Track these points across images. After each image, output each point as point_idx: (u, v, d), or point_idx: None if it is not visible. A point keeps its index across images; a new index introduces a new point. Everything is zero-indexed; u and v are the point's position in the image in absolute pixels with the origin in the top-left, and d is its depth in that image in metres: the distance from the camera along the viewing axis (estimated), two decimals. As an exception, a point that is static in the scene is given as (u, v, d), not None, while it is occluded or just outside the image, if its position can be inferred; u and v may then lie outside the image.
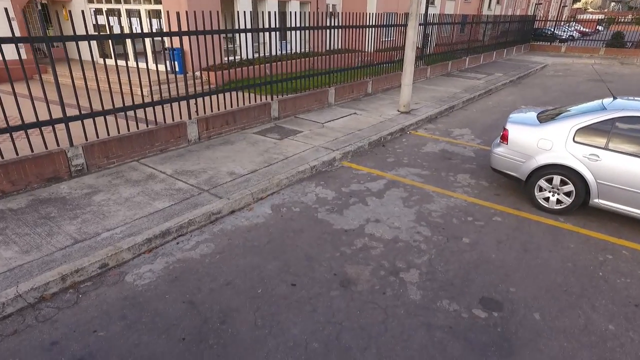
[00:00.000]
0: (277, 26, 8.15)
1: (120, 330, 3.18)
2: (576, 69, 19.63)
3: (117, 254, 3.96)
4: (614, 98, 5.24)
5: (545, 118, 5.45)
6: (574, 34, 37.00)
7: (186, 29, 6.64)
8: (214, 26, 11.42)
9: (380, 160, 7.00)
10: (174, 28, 11.23)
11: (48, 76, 10.22)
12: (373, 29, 11.11)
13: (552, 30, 30.06)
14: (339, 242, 4.47)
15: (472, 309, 3.54)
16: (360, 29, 10.66)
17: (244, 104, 8.03)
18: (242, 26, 12.47)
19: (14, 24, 12.75)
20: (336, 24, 12.08)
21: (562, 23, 35.12)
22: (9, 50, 9.81)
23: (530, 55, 24.63)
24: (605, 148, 4.74)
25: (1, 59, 10.84)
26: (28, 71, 11.33)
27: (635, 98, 5.26)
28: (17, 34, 12.74)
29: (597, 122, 4.80)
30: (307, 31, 9.89)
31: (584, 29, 44.74)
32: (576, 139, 4.93)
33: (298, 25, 10.24)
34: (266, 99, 8.63)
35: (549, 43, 28.25)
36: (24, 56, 12.17)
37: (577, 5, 55.05)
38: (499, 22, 20.91)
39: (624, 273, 4.11)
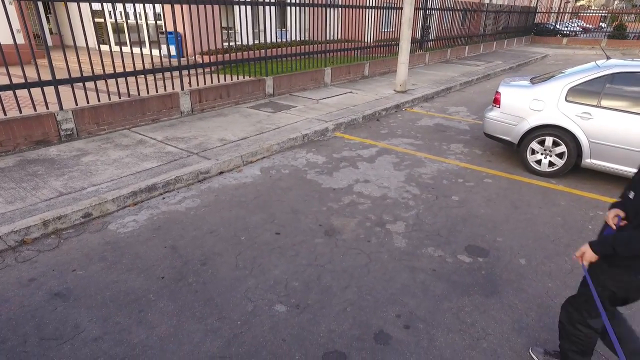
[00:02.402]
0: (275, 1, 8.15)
1: (99, 270, 3.15)
2: (577, 59, 19.47)
3: (101, 205, 3.93)
4: (608, 58, 5.17)
5: (537, 81, 5.39)
6: (576, 30, 36.79)
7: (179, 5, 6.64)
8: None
9: (374, 131, 6.96)
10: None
11: (43, 61, 10.24)
12: (373, 11, 11.06)
13: (554, 25, 29.87)
14: (326, 199, 4.42)
15: (457, 255, 3.49)
16: (359, 14, 10.61)
17: (238, 79, 7.99)
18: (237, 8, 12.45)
19: (11, 9, 12.77)
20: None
21: (565, 18, 34.95)
22: (5, 35, 9.83)
23: (531, 47, 24.48)
24: (598, 106, 4.67)
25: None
26: (23, 56, 11.37)
27: (634, 59, 5.20)
28: (14, 19, 12.76)
29: (590, 80, 4.74)
30: (305, 17, 9.86)
31: (587, 25, 44.49)
32: (568, 98, 4.87)
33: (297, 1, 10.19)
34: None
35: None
36: (20, 41, 12.20)
37: (581, 2, 54.81)
38: (500, 12, 20.80)
39: (614, 226, 4.04)
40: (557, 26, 29.93)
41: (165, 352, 2.41)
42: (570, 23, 33.32)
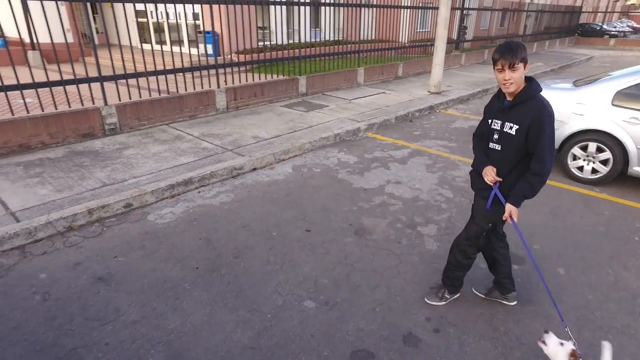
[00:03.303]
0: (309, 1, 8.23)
1: (138, 258, 3.30)
2: (626, 61, 18.46)
3: (141, 196, 4.11)
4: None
5: (581, 83, 5.17)
6: (625, 30, 34.79)
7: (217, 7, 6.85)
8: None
9: (407, 132, 6.89)
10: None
11: (90, 59, 10.79)
12: (408, 11, 10.93)
13: (601, 25, 28.43)
14: (357, 198, 4.43)
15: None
16: (394, 14, 10.51)
17: (272, 78, 8.12)
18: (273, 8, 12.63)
19: (62, 10, 13.51)
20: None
21: (613, 18, 33.14)
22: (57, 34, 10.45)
23: (575, 48, 23.43)
24: (648, 111, 4.43)
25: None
26: (73, 54, 12.03)
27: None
28: (65, 19, 13.49)
29: None
30: (339, 17, 9.86)
31: (638, 25, 42.07)
32: (615, 102, 4.64)
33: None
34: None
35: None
36: (70, 40, 12.89)
37: (632, 1, 51.79)
38: (542, 12, 20.03)
39: (662, 238, 3.83)
40: (604, 26, 28.48)
41: (198, 339, 2.50)
42: (619, 23, 31.60)
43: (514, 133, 2.27)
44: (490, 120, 2.42)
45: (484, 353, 2.49)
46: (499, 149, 2.36)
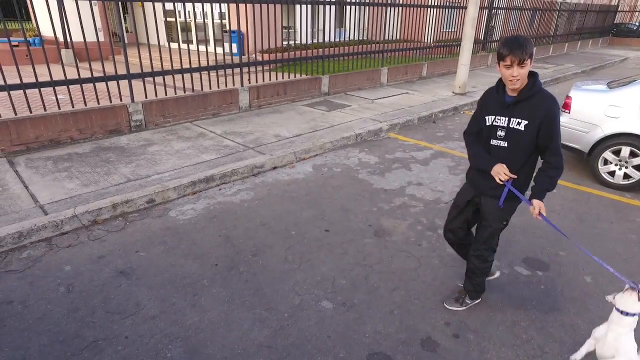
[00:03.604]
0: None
1: (159, 253, 3.36)
2: (663, 62, 17.64)
3: (163, 192, 4.19)
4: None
5: (616, 85, 4.95)
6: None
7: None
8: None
9: (430, 134, 6.78)
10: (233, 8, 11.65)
11: (120, 57, 11.10)
12: (434, 11, 10.76)
13: (638, 25, 27.23)
14: (377, 199, 4.38)
15: (513, 266, 3.31)
16: (420, 14, 10.37)
17: (295, 77, 8.14)
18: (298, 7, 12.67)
19: (95, 10, 13.95)
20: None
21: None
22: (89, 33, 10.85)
23: (609, 49, 22.53)
24: (687, 114, 4.20)
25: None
26: (103, 52, 12.42)
27: None
28: (97, 19, 13.92)
29: (679, 86, 4.27)
30: (364, 16, 9.78)
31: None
32: (651, 104, 4.42)
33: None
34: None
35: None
36: (101, 39, 13.29)
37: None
38: (575, 11, 19.33)
39: (700, 249, 3.63)
40: (641, 26, 27.28)
41: (215, 336, 2.52)
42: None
43: (522, 129, 2.23)
44: (491, 117, 2.34)
45: (505, 362, 2.41)
46: (506, 145, 2.31)
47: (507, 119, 2.27)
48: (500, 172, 2.32)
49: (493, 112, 2.34)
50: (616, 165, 4.73)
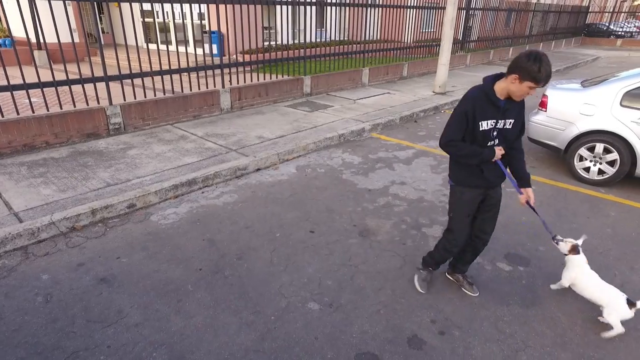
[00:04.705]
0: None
1: (141, 259, 3.29)
2: (633, 62, 18.28)
3: (144, 196, 4.10)
4: (669, 61, 4.82)
5: (589, 84, 5.11)
6: (632, 30, 34.35)
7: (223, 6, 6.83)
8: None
9: (411, 133, 6.85)
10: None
11: (97, 58, 10.83)
12: (413, 11, 10.88)
13: (608, 25, 28.16)
14: (361, 199, 4.40)
15: (496, 262, 3.38)
16: (399, 14, 10.47)
17: (276, 78, 8.10)
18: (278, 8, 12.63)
19: (69, 10, 13.57)
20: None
21: (620, 18, 32.80)
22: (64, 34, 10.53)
23: (581, 49, 23.23)
24: (657, 112, 4.37)
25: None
26: (79, 54, 12.09)
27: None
28: (72, 19, 13.55)
29: (648, 84, 4.44)
30: (344, 17, 9.80)
31: (645, 25, 41.54)
32: (623, 102, 4.58)
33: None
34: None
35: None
36: (76, 40, 12.94)
37: (639, 1, 51.26)
38: (548, 12, 19.87)
39: (671, 241, 3.77)
40: (611, 27, 28.21)
41: (201, 342, 2.48)
42: (625, 23, 31.28)
43: (510, 127, 2.49)
44: (487, 122, 2.44)
45: (490, 356, 2.45)
46: (497, 143, 2.52)
47: (502, 121, 2.46)
48: (498, 154, 2.51)
49: (489, 117, 2.42)
50: (591, 161, 4.88)
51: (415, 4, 11.09)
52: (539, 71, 2.16)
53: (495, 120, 2.43)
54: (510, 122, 2.47)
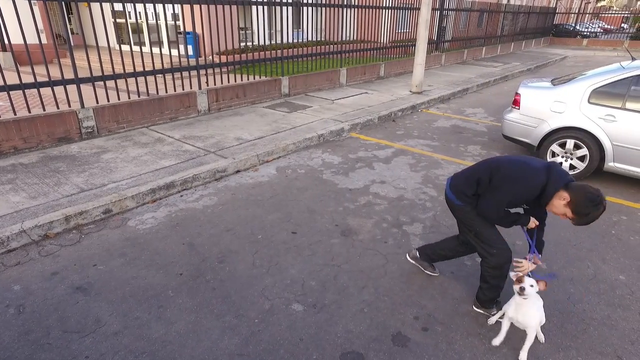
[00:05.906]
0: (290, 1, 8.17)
1: (119, 265, 3.20)
2: (598, 61, 19.05)
3: (121, 201, 4.00)
4: (633, 59, 5.04)
5: (559, 82, 5.29)
6: (597, 31, 35.85)
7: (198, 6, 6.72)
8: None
9: (390, 132, 6.92)
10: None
11: (66, 60, 10.48)
12: (388, 12, 11.00)
13: (574, 26, 29.27)
14: (342, 199, 4.41)
15: (476, 257, 3.44)
16: (374, 15, 10.56)
17: (254, 79, 8.04)
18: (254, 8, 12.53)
19: (35, 9, 13.08)
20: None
21: (585, 19, 34.18)
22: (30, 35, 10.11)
23: (550, 48, 24.06)
24: (622, 108, 4.56)
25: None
26: (47, 55, 11.66)
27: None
28: (38, 19, 13.07)
29: (614, 82, 4.63)
30: (321, 17, 9.82)
31: (608, 26, 43.47)
32: (591, 100, 4.76)
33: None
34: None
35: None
36: (44, 41, 12.48)
37: (602, 3, 53.46)
38: (518, 13, 20.47)
39: (638, 232, 3.94)
40: (577, 27, 29.33)
41: (184, 348, 2.43)
42: (590, 24, 32.59)
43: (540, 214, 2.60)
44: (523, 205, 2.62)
45: (472, 349, 2.50)
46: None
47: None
48: (532, 224, 2.58)
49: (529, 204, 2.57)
50: (562, 157, 5.05)
51: (390, 5, 11.23)
52: (587, 215, 2.22)
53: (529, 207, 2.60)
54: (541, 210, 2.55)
